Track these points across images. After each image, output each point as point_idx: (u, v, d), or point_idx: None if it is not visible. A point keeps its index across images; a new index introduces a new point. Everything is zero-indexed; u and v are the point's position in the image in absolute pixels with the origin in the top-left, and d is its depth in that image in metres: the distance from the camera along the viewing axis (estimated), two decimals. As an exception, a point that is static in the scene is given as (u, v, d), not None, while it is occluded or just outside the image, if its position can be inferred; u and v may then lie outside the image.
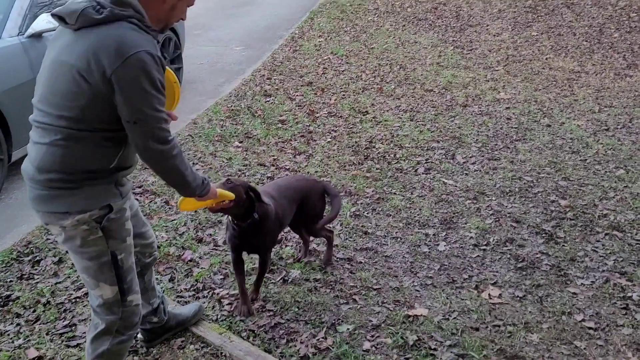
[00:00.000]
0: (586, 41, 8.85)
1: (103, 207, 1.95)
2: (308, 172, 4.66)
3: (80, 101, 1.81)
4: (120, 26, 1.80)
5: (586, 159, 4.94)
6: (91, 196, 1.93)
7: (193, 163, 4.72)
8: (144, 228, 2.38)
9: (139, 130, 1.83)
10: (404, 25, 9.64)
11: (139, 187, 4.24)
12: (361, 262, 3.43)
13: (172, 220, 3.82)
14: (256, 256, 3.08)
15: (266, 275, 3.19)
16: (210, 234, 3.70)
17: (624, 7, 10.10)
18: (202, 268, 3.32)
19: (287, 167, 4.77)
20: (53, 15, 1.86)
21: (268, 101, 6.28)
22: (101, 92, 1.78)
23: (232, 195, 2.45)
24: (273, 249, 3.23)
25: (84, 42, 1.79)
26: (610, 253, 3.53)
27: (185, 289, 3.15)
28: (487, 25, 9.65)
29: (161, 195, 4.16)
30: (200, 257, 3.43)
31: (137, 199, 4.07)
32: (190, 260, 3.39)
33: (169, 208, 4.00)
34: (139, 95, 1.79)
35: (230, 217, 2.75)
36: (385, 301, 3.09)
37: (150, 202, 4.07)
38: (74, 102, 1.82)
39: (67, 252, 2.33)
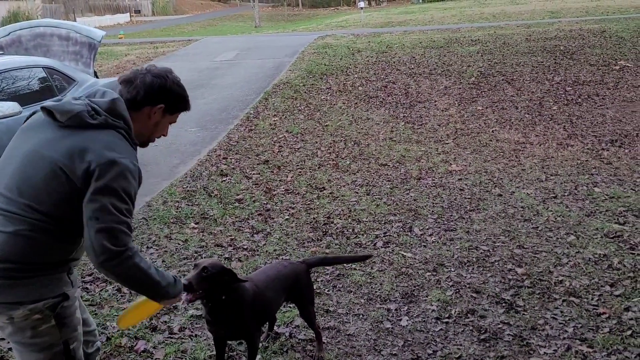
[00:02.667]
0: (528, 114, 9.31)
1: (57, 295, 1.91)
2: (266, 251, 4.60)
3: (55, 197, 1.82)
4: (110, 134, 1.88)
5: (538, 227, 5.07)
6: (45, 285, 1.89)
7: (147, 247, 4.61)
8: (84, 314, 2.29)
9: (98, 227, 1.79)
10: (356, 103, 9.96)
11: (89, 275, 4.08)
12: (323, 343, 3.34)
13: (124, 309, 3.66)
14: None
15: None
16: (165, 321, 3.55)
17: (559, 81, 10.78)
18: (156, 359, 3.16)
19: (245, 247, 4.71)
20: (43, 108, 1.91)
21: (224, 180, 6.28)
22: (78, 189, 1.80)
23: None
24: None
25: (72, 140, 1.84)
26: (569, 320, 3.56)
27: (139, 381, 2.98)
28: (435, 101, 10.08)
29: (112, 283, 4.00)
30: (154, 347, 3.27)
31: (87, 287, 3.92)
32: (143, 351, 3.22)
33: (121, 296, 3.85)
34: (110, 194, 1.80)
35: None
36: (349, 382, 2.98)
37: (101, 290, 3.91)
38: (48, 196, 1.82)
39: (9, 349, 2.18)
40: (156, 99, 2.03)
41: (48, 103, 1.91)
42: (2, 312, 1.86)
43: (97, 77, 7.26)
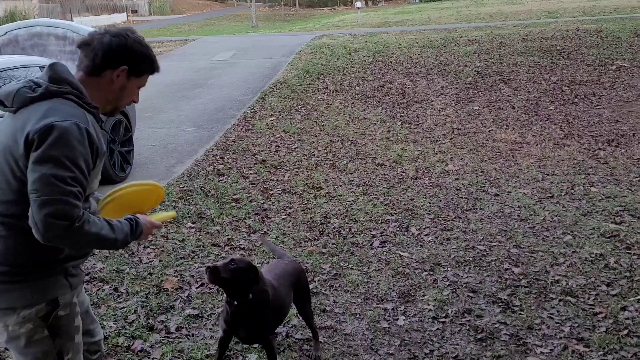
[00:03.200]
0: (525, 114, 9.33)
1: (50, 302, 1.81)
2: (263, 251, 4.60)
3: (15, 186, 1.72)
4: (53, 101, 1.74)
5: (534, 226, 5.07)
6: (39, 289, 1.80)
7: (144, 247, 4.60)
8: (92, 325, 2.21)
9: (39, 200, 1.64)
10: (353, 103, 9.96)
11: (87, 275, 4.07)
12: (320, 342, 3.33)
13: (122, 309, 3.66)
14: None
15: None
16: (162, 321, 3.55)
17: (556, 81, 10.79)
18: (153, 358, 3.15)
19: (242, 247, 4.70)
20: None
21: (221, 180, 6.27)
22: (27, 169, 1.68)
23: (172, 214, 2.33)
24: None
25: (16, 120, 1.74)
26: (565, 319, 3.56)
27: (136, 381, 2.98)
28: (432, 101, 10.09)
29: (110, 282, 4.00)
30: (151, 347, 3.26)
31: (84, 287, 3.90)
32: (140, 351, 3.22)
33: (118, 295, 3.84)
34: (50, 162, 1.65)
35: (225, 295, 2.68)
36: (346, 382, 2.99)
37: (98, 290, 3.90)
38: (9, 188, 1.73)
39: (6, 349, 2.17)
40: (117, 60, 1.86)
41: None
42: None
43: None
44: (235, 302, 2.63)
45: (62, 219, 1.66)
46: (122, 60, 1.87)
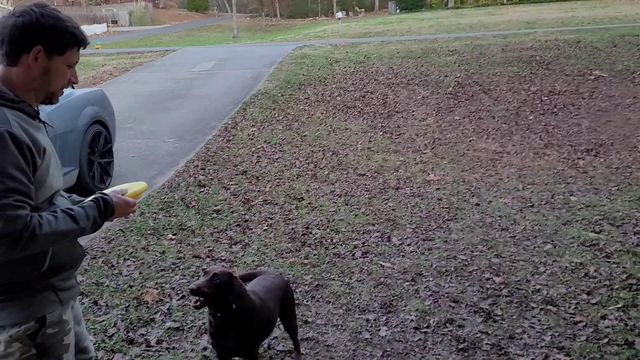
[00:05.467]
0: (505, 124, 9.42)
1: (38, 319, 1.73)
2: (244, 262, 4.56)
3: None
4: None
5: (515, 235, 5.11)
6: (25, 307, 1.71)
7: (124, 259, 4.53)
8: (85, 342, 2.11)
9: None
10: (334, 113, 9.98)
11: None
12: (302, 354, 3.30)
13: (101, 322, 3.59)
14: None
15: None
16: (143, 334, 3.49)
17: (535, 91, 10.94)
18: (132, 373, 3.10)
19: (223, 258, 4.66)
20: None
21: (202, 191, 6.22)
22: None
23: (143, 186, 2.18)
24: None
25: None
26: (547, 328, 3.58)
27: (114, 397, 2.92)
28: (413, 111, 10.15)
29: (89, 295, 3.93)
30: (130, 361, 3.21)
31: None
32: (119, 365, 3.16)
33: (98, 308, 3.77)
34: None
35: (207, 309, 2.61)
36: (328, 395, 2.96)
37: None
38: None
39: None
40: (27, 41, 1.65)
41: None
42: None
43: (73, 88, 7.16)
44: (219, 314, 2.58)
45: (5, 235, 1.55)
46: (33, 40, 1.66)
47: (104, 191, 1.91)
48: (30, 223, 1.59)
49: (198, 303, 2.45)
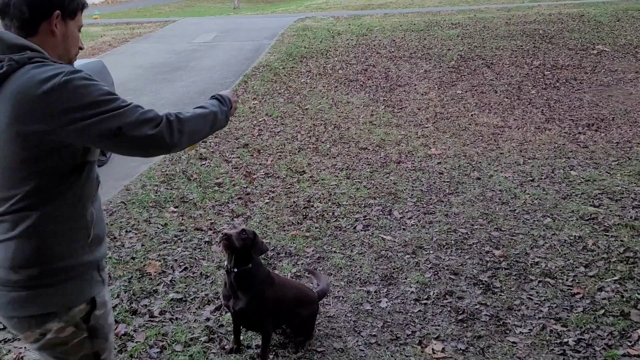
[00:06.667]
0: (507, 98, 9.38)
1: (89, 301, 1.68)
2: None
3: (31, 165, 1.53)
4: (24, 71, 1.51)
5: (515, 209, 5.14)
6: (78, 288, 1.66)
7: (126, 231, 4.58)
8: None
9: (129, 133, 1.54)
10: (337, 87, 9.93)
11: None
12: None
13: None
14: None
15: (205, 343, 3.08)
16: (146, 305, 3.55)
17: (538, 66, 10.86)
18: (137, 342, 3.15)
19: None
20: None
21: (204, 164, 6.24)
22: (45, 144, 1.51)
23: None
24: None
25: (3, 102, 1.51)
26: (544, 300, 3.63)
27: (120, 365, 2.98)
28: (415, 85, 10.10)
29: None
30: (134, 330, 3.27)
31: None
32: (124, 335, 3.22)
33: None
34: (95, 105, 1.51)
35: (227, 262, 2.83)
36: (329, 364, 3.02)
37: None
38: (23, 171, 1.54)
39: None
40: (47, 7, 1.60)
41: None
42: (33, 326, 1.63)
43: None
44: (236, 270, 2.79)
45: (156, 123, 1.59)
46: (51, 6, 1.61)
47: None
48: (168, 114, 1.64)
49: (224, 242, 2.72)
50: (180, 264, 4.12)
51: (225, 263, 2.89)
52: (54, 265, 1.60)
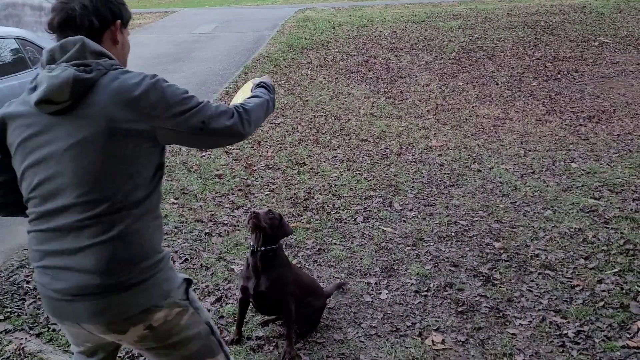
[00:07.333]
0: (508, 90, 9.36)
1: (182, 282, 1.77)
2: (245, 228, 4.60)
3: (127, 167, 1.60)
4: (112, 76, 1.60)
5: (515, 202, 5.14)
6: (170, 276, 1.73)
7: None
8: None
9: (211, 125, 1.69)
10: (337, 78, 9.90)
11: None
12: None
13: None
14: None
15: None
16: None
17: (539, 57, 10.82)
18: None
19: (226, 222, 4.71)
20: (36, 103, 1.57)
21: (204, 156, 6.24)
22: (142, 144, 1.61)
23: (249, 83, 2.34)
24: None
25: (91, 109, 1.57)
26: (544, 292, 3.64)
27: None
28: (416, 77, 10.07)
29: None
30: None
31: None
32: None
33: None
34: (184, 108, 1.65)
35: (255, 241, 2.91)
36: (330, 355, 3.03)
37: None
38: (117, 174, 1.59)
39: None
40: (110, 16, 1.72)
41: (31, 97, 1.60)
42: (138, 322, 1.65)
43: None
44: (262, 248, 2.88)
45: (231, 116, 1.74)
46: (113, 15, 1.73)
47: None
48: (236, 108, 1.80)
49: (253, 221, 2.81)
50: (181, 255, 4.13)
51: (251, 242, 2.95)
52: (146, 263, 1.66)
